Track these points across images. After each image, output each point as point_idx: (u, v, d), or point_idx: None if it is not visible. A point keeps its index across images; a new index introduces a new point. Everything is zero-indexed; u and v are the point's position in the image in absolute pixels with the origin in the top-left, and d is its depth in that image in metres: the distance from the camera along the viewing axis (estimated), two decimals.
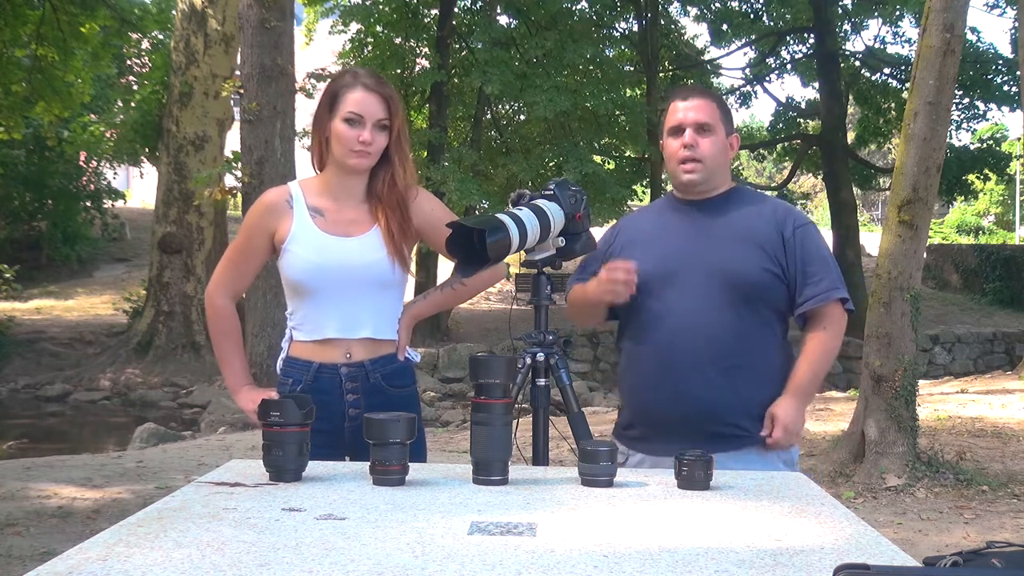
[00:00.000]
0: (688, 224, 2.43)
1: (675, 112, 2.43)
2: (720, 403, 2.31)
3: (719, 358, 2.31)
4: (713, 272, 2.34)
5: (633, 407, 2.46)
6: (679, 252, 2.39)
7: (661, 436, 2.33)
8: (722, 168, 2.45)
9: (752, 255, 2.35)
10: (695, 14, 21.05)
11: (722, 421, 2.31)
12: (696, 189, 2.43)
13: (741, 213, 2.42)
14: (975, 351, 17.59)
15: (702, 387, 2.30)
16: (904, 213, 6.10)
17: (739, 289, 2.32)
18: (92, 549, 1.36)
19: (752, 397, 2.33)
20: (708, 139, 2.39)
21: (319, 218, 2.39)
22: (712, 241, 2.38)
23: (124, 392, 14.64)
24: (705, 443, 2.08)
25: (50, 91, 14.95)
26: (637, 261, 2.37)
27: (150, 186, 20.88)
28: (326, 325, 2.39)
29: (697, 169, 2.39)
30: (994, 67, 18.88)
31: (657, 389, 2.35)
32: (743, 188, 2.58)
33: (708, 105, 2.41)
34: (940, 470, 6.04)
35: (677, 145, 2.40)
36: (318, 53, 18.75)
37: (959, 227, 35.37)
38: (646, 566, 1.33)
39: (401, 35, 17.99)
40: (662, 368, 2.34)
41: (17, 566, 4.14)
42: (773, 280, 2.35)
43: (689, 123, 2.39)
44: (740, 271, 2.34)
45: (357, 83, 2.37)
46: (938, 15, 6.00)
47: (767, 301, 2.36)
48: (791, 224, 2.39)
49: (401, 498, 1.72)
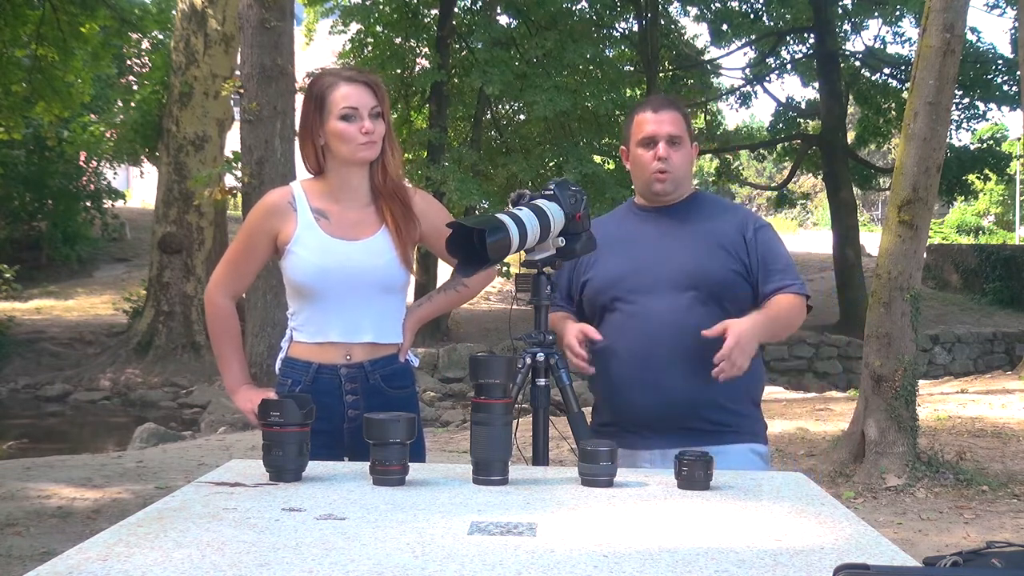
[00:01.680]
0: (654, 229, 2.55)
1: (646, 123, 2.52)
2: (695, 397, 2.41)
3: (692, 354, 2.38)
4: (682, 273, 2.46)
5: (610, 405, 2.54)
6: (648, 255, 2.51)
7: (640, 431, 2.43)
8: (688, 176, 2.59)
9: (718, 256, 2.48)
10: (695, 14, 21.04)
11: (697, 415, 2.42)
12: (666, 198, 2.55)
13: (704, 217, 2.55)
14: (975, 351, 17.58)
15: (678, 382, 2.40)
16: (904, 213, 6.10)
17: (707, 288, 2.45)
18: (92, 549, 1.36)
19: (723, 390, 2.40)
20: (679, 152, 2.51)
21: (323, 220, 2.38)
22: (679, 244, 2.50)
23: (124, 392, 14.64)
24: (681, 437, 2.26)
25: (50, 91, 14.96)
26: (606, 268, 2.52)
27: (150, 186, 20.88)
28: (328, 329, 2.38)
29: (668, 178, 2.51)
30: (994, 67, 18.88)
31: (634, 386, 2.44)
32: (703, 193, 2.73)
33: (678, 118, 2.53)
34: (940, 470, 6.04)
35: (650, 156, 2.50)
36: (318, 53, 18.74)
37: (959, 227, 35.36)
38: (646, 566, 1.33)
39: (401, 35, 17.99)
40: (639, 366, 2.43)
41: (17, 566, 4.14)
42: (738, 279, 2.48)
43: (662, 136, 2.49)
44: (708, 271, 2.46)
45: (340, 79, 2.36)
46: (938, 15, 6.00)
47: (733, 299, 2.47)
48: (751, 226, 2.53)
49: (401, 498, 1.72)
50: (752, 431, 2.50)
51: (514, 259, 2.51)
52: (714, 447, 2.26)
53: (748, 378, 2.42)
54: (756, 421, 2.53)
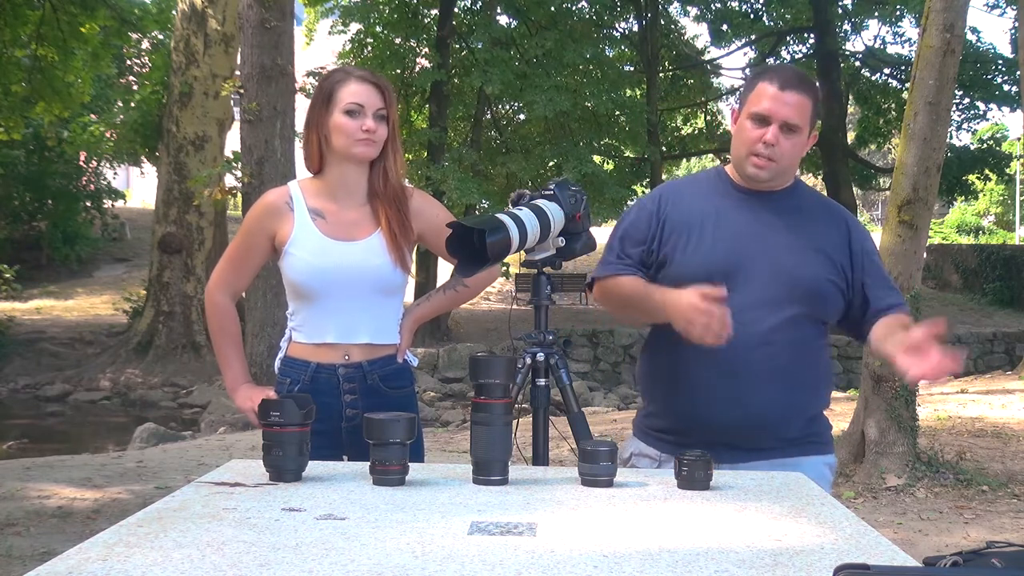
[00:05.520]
0: (750, 216, 2.24)
1: (766, 98, 2.16)
2: (781, 417, 2.21)
3: (780, 368, 2.19)
4: (779, 279, 2.19)
5: (681, 413, 2.27)
6: (743, 248, 2.21)
7: (712, 444, 2.07)
8: (793, 167, 2.28)
9: (819, 263, 2.22)
10: (695, 14, 21.07)
11: (776, 434, 2.21)
12: (760, 184, 2.25)
13: (804, 215, 2.28)
14: (975, 351, 17.59)
15: (767, 399, 2.18)
16: (904, 213, 6.10)
17: (804, 299, 2.20)
18: (92, 549, 1.36)
19: (804, 406, 2.27)
20: (791, 140, 2.18)
21: (320, 220, 2.38)
22: (778, 241, 2.22)
23: (124, 392, 14.65)
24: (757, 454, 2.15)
25: (50, 91, 14.98)
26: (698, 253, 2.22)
27: (150, 186, 20.88)
28: (326, 329, 2.38)
29: (769, 167, 2.20)
30: (994, 67, 18.90)
31: (717, 399, 2.19)
32: (801, 184, 2.40)
33: (804, 103, 2.17)
34: (940, 470, 6.04)
35: (756, 135, 2.17)
36: (318, 53, 18.76)
37: (959, 227, 35.37)
38: (646, 566, 1.33)
39: (401, 35, 18.01)
40: (725, 377, 2.18)
41: (17, 566, 4.14)
42: (835, 291, 2.24)
43: (779, 119, 2.16)
44: (806, 278, 2.20)
45: (351, 77, 2.37)
46: (938, 15, 6.00)
47: (824, 311, 2.25)
48: (856, 234, 2.29)
49: (401, 498, 1.72)
50: (821, 441, 2.30)
51: (514, 259, 2.51)
52: (785, 460, 2.19)
53: (823, 386, 2.31)
54: (824, 430, 2.33)
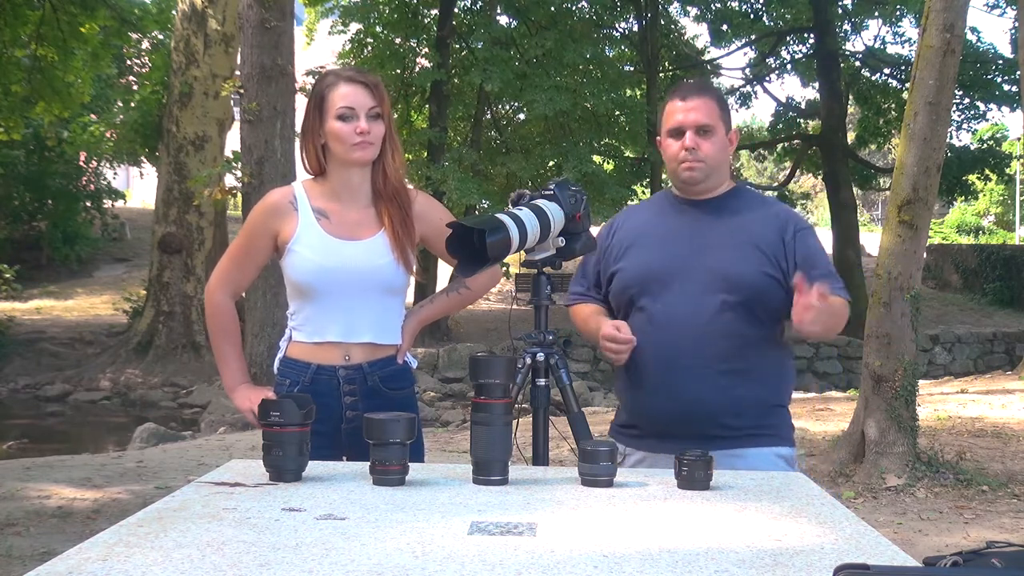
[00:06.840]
0: (688, 225, 2.42)
1: (674, 113, 2.40)
2: (719, 405, 2.32)
3: (718, 361, 2.32)
4: (714, 275, 2.34)
5: (632, 407, 2.47)
6: (679, 255, 2.39)
7: (660, 436, 2.35)
8: (722, 167, 2.44)
9: (753, 258, 2.35)
10: (695, 14, 21.04)
11: (719, 423, 2.32)
12: (696, 188, 2.42)
13: (742, 215, 2.42)
14: (975, 351, 17.60)
15: (702, 389, 2.31)
16: (904, 213, 6.10)
17: (739, 292, 2.33)
18: (92, 549, 1.36)
19: (750, 399, 2.35)
20: (709, 140, 2.38)
21: (324, 220, 2.38)
22: (712, 244, 2.38)
23: (124, 392, 14.64)
24: (703, 443, 2.12)
25: (50, 91, 14.97)
26: (636, 262, 2.41)
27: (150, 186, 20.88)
28: (327, 328, 2.38)
29: (698, 167, 2.38)
30: (994, 67, 18.89)
31: (657, 391, 2.36)
32: (743, 188, 2.57)
33: (708, 105, 2.39)
34: (940, 470, 6.04)
35: (677, 147, 2.39)
36: (318, 53, 18.76)
37: (959, 227, 35.36)
38: (646, 566, 1.33)
39: (401, 35, 18.00)
40: (662, 370, 2.35)
41: (17, 566, 4.14)
42: (772, 284, 2.34)
43: (689, 125, 2.37)
44: (740, 274, 2.34)
45: (340, 79, 2.37)
46: (938, 15, 6.00)
47: (765, 305, 2.35)
48: (792, 228, 2.40)
49: (401, 498, 1.72)
50: (775, 434, 2.40)
51: (514, 259, 2.51)
52: (734, 451, 2.28)
53: (774, 380, 2.38)
54: (781, 424, 2.43)
